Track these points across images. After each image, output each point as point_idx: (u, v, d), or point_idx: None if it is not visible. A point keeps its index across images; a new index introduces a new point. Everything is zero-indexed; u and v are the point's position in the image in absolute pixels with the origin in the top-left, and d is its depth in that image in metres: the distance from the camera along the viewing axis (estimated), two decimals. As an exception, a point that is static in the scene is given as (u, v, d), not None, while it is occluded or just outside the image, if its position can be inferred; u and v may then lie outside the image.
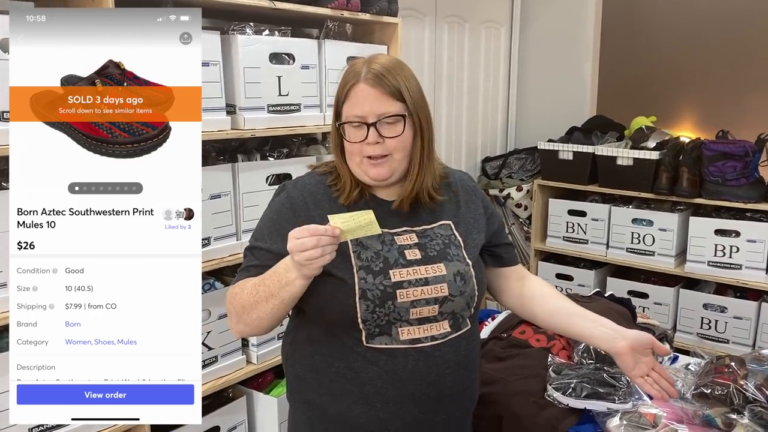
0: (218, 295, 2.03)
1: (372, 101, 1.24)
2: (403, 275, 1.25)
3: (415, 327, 1.25)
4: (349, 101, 1.27)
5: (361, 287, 1.23)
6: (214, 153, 2.17)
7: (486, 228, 1.41)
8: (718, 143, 3.05)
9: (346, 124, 1.28)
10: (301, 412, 1.37)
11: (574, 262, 3.58)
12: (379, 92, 1.24)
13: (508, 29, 3.97)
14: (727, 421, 1.43)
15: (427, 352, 1.26)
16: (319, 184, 1.35)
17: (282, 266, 1.20)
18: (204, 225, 1.93)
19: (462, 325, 1.31)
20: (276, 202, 1.35)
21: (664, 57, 3.79)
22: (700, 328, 3.16)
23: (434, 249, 1.30)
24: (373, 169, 1.28)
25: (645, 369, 1.36)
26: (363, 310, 1.22)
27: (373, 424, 1.27)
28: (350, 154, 1.30)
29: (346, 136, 1.28)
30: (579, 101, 3.86)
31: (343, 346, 1.27)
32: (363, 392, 1.26)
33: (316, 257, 1.12)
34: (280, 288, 1.19)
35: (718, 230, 3.06)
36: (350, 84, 1.27)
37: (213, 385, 2.03)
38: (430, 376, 1.26)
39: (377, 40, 2.51)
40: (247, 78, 2.00)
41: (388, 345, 1.25)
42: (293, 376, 1.37)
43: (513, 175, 3.77)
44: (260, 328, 1.28)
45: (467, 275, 1.30)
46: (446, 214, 1.37)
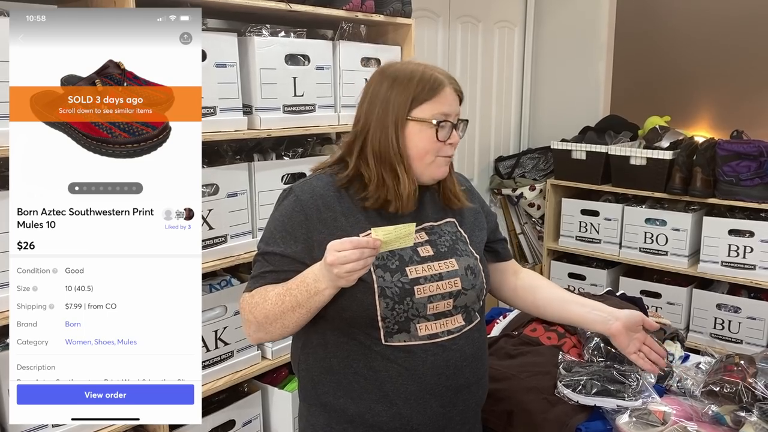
0: (234, 291, 2.01)
1: (454, 104, 1.29)
2: (419, 272, 1.23)
3: (432, 322, 1.24)
4: (437, 101, 1.26)
5: (380, 285, 1.20)
6: (231, 152, 2.16)
7: (486, 226, 1.43)
8: (733, 143, 2.97)
9: (441, 123, 1.26)
10: (317, 415, 1.33)
11: (586, 262, 3.51)
12: (458, 97, 1.31)
13: (521, 29, 3.92)
14: (736, 418, 1.41)
15: (445, 346, 1.25)
16: (327, 186, 1.29)
17: (311, 276, 1.16)
18: (220, 223, 1.95)
19: (473, 317, 1.31)
20: (285, 205, 1.29)
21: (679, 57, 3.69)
22: (713, 328, 3.08)
23: (444, 245, 1.30)
24: (443, 167, 1.31)
25: (638, 344, 1.41)
26: (383, 308, 1.20)
27: (395, 422, 1.25)
28: (423, 154, 1.27)
29: (438, 134, 1.26)
30: (592, 101, 3.79)
31: (360, 346, 1.24)
32: (383, 390, 1.24)
33: (357, 270, 1.10)
34: (308, 297, 1.16)
35: (731, 230, 2.98)
36: (441, 86, 1.27)
37: (229, 380, 2.01)
38: (449, 369, 1.25)
39: (391, 41, 2.47)
40: (263, 79, 1.99)
41: (407, 342, 1.23)
42: (308, 380, 1.33)
43: (526, 175, 3.72)
44: (281, 336, 1.26)
45: (477, 269, 1.31)
46: (449, 212, 1.37)
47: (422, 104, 1.25)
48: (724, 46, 3.54)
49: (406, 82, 1.26)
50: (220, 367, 1.97)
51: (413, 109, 1.25)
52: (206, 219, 1.90)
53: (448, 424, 1.29)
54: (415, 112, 1.25)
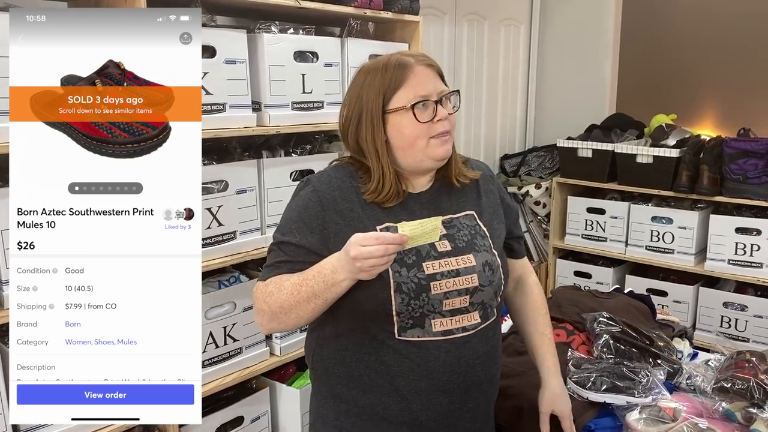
0: (243, 288, 2.00)
1: (432, 80, 1.23)
2: (436, 267, 1.21)
3: (448, 318, 1.21)
4: (409, 84, 1.21)
5: (396, 280, 1.18)
6: (240, 149, 2.14)
7: (504, 219, 1.38)
8: (740, 141, 2.92)
9: (416, 106, 1.20)
10: (328, 408, 1.32)
11: (592, 260, 3.48)
12: (434, 72, 1.25)
13: (527, 27, 3.88)
14: (747, 415, 1.39)
15: (459, 344, 1.22)
16: (344, 177, 1.27)
17: (328, 267, 1.14)
18: (229, 219, 1.93)
19: (490, 315, 1.27)
20: (302, 196, 1.26)
21: (685, 54, 3.63)
22: (720, 327, 3.03)
23: (462, 240, 1.26)
24: (443, 146, 1.24)
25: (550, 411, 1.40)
26: (398, 303, 1.18)
27: (404, 416, 1.23)
28: (412, 140, 1.22)
29: (418, 117, 1.21)
30: (598, 99, 3.74)
31: (374, 339, 1.22)
32: (394, 385, 1.22)
33: (380, 264, 1.08)
34: (325, 289, 1.14)
35: (738, 228, 2.94)
36: (406, 68, 1.22)
37: (238, 376, 2.00)
38: (461, 367, 1.23)
39: (398, 39, 2.45)
40: (272, 75, 1.97)
41: (421, 338, 1.20)
42: (321, 371, 1.32)
43: (532, 173, 3.69)
44: (295, 326, 1.24)
45: (494, 265, 1.27)
46: (469, 203, 1.32)
47: (396, 92, 1.21)
48: (729, 45, 3.49)
49: (375, 76, 1.23)
50: (228, 363, 1.96)
51: (389, 100, 1.22)
52: (215, 215, 1.88)
53: (458, 422, 1.27)
54: (392, 103, 1.22)
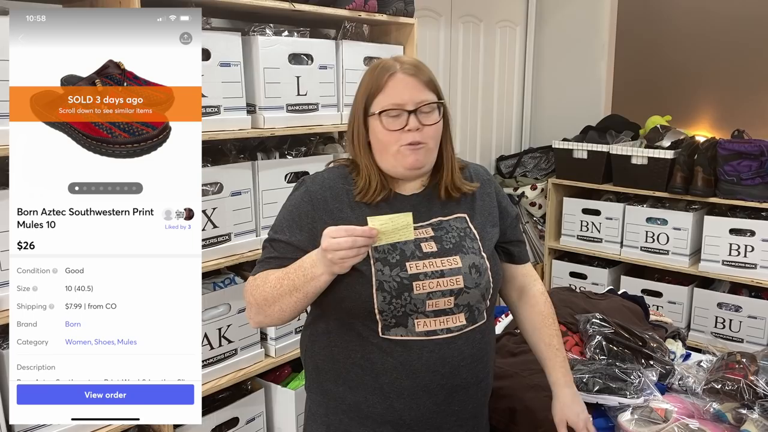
0: (238, 289, 2.00)
1: (411, 90, 1.23)
2: (420, 267, 1.21)
3: (431, 319, 1.21)
4: (386, 91, 1.23)
5: (378, 279, 1.19)
6: (235, 151, 2.14)
7: (499, 222, 1.37)
8: (734, 142, 2.94)
9: (383, 113, 1.23)
10: (318, 404, 1.33)
11: (587, 261, 3.49)
12: (416, 81, 1.23)
13: (523, 29, 3.89)
14: (738, 416, 1.41)
15: (442, 344, 1.22)
16: (338, 178, 1.30)
17: (308, 261, 1.16)
18: (224, 221, 1.93)
19: (478, 318, 1.27)
20: (295, 196, 1.30)
21: (680, 56, 3.65)
22: (714, 328, 3.05)
23: (450, 242, 1.26)
24: (412, 155, 1.23)
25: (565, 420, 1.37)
26: (380, 301, 1.19)
27: (388, 415, 1.24)
28: (385, 145, 1.24)
29: (384, 125, 1.22)
30: (594, 100, 3.76)
31: (359, 337, 1.24)
32: (378, 383, 1.23)
33: (349, 257, 1.09)
34: (305, 282, 1.16)
35: (732, 229, 2.95)
36: (387, 75, 1.23)
37: (232, 378, 2.00)
38: (445, 367, 1.23)
39: (393, 41, 2.45)
40: (266, 78, 1.97)
41: (404, 336, 1.21)
42: (312, 367, 1.34)
43: (527, 174, 3.69)
44: (280, 320, 1.25)
45: (482, 267, 1.26)
46: (462, 206, 1.33)
47: (376, 97, 1.24)
48: (725, 46, 3.50)
49: (366, 77, 1.27)
50: (223, 365, 1.96)
51: (370, 104, 1.25)
52: (210, 217, 1.88)
53: (443, 424, 1.27)
54: (372, 107, 1.25)
